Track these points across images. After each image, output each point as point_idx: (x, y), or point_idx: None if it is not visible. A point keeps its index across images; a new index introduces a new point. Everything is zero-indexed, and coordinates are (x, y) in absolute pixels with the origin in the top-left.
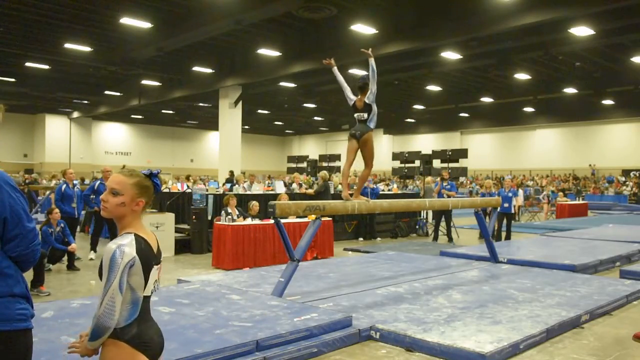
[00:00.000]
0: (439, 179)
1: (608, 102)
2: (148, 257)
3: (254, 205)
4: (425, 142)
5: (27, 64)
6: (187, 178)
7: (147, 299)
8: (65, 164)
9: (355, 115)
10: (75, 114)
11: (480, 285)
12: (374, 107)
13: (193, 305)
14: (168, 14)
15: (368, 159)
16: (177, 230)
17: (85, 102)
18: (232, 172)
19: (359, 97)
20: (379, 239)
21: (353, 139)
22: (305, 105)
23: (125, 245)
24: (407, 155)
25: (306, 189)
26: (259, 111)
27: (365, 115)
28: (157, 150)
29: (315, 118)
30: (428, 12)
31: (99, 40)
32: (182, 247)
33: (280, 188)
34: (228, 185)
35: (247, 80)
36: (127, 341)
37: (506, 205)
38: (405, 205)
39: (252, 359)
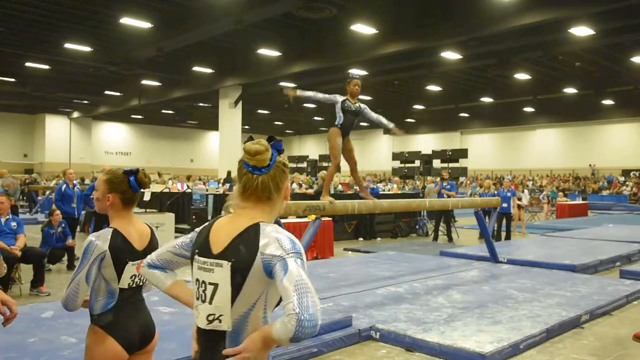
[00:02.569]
0: (438, 179)
1: (608, 102)
2: (122, 252)
3: None
4: (425, 142)
5: (27, 64)
6: (188, 178)
7: (126, 291)
8: (65, 164)
9: None
10: (75, 114)
11: (480, 285)
12: (335, 103)
13: None
14: (168, 14)
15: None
16: (177, 230)
17: (85, 102)
18: (229, 172)
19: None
20: (379, 239)
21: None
22: (305, 105)
23: (99, 239)
24: (407, 155)
25: (306, 189)
26: (259, 111)
27: None
28: (157, 150)
29: (315, 118)
30: (428, 12)
31: (99, 40)
32: None
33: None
34: (228, 185)
35: (247, 80)
36: (102, 327)
37: (505, 205)
38: (405, 205)
39: None
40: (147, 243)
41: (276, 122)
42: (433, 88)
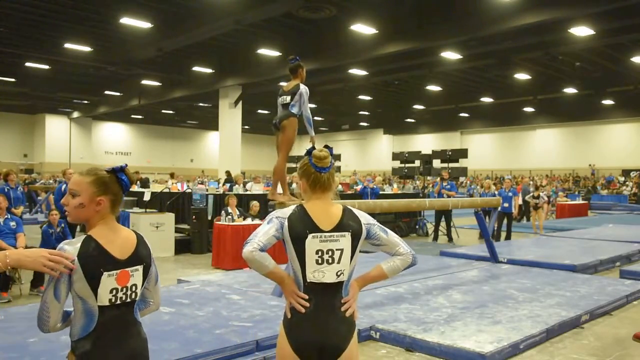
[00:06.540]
0: (438, 179)
1: (608, 102)
2: (95, 262)
3: (254, 205)
4: (425, 142)
5: (27, 64)
6: (188, 181)
7: (107, 310)
8: (65, 164)
9: (279, 99)
10: (75, 114)
11: (480, 285)
12: (302, 90)
13: (193, 305)
14: (168, 14)
15: (281, 145)
16: (177, 230)
17: (85, 102)
18: (228, 172)
19: (290, 80)
20: None
21: (276, 131)
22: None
23: (68, 247)
24: (407, 155)
25: None
26: (259, 111)
27: (288, 98)
28: (157, 150)
29: (315, 118)
30: (428, 12)
31: (99, 40)
32: (182, 247)
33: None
34: (228, 185)
35: (247, 80)
36: (78, 356)
37: (506, 205)
38: (405, 205)
39: (252, 359)
40: (131, 251)
41: None
42: (433, 88)
